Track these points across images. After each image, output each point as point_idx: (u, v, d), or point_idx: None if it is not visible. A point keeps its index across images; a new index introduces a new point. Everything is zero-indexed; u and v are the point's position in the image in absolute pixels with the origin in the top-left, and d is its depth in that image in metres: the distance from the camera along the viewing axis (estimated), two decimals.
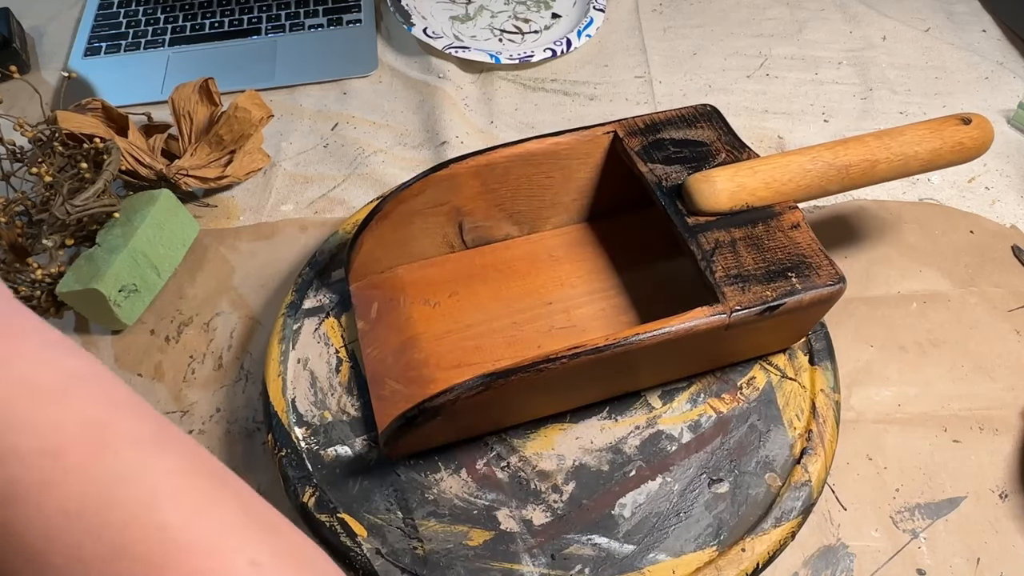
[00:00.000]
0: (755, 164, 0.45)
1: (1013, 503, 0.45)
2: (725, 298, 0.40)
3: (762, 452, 0.44)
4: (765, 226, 0.44)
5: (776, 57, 0.73)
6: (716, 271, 0.42)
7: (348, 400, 0.47)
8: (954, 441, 0.48)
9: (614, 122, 0.49)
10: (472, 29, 0.77)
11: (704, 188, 0.44)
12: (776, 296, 0.41)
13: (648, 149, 0.48)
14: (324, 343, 0.50)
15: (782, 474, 0.43)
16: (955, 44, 0.73)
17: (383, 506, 0.43)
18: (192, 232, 0.60)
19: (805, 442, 0.44)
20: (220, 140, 0.61)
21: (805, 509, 0.42)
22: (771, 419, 0.46)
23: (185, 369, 0.54)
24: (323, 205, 0.63)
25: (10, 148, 0.57)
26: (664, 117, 0.50)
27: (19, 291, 0.56)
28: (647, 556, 0.41)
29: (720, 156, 0.47)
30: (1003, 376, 0.51)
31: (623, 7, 0.79)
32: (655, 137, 0.48)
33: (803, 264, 0.42)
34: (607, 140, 0.49)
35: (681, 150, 0.48)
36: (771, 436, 0.45)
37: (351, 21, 0.78)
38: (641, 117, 0.49)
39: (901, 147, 0.46)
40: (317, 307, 0.52)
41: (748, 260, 0.42)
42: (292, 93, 0.72)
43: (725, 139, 0.48)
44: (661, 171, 0.47)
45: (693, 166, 0.47)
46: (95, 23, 0.79)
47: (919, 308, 0.54)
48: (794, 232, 0.43)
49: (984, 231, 0.58)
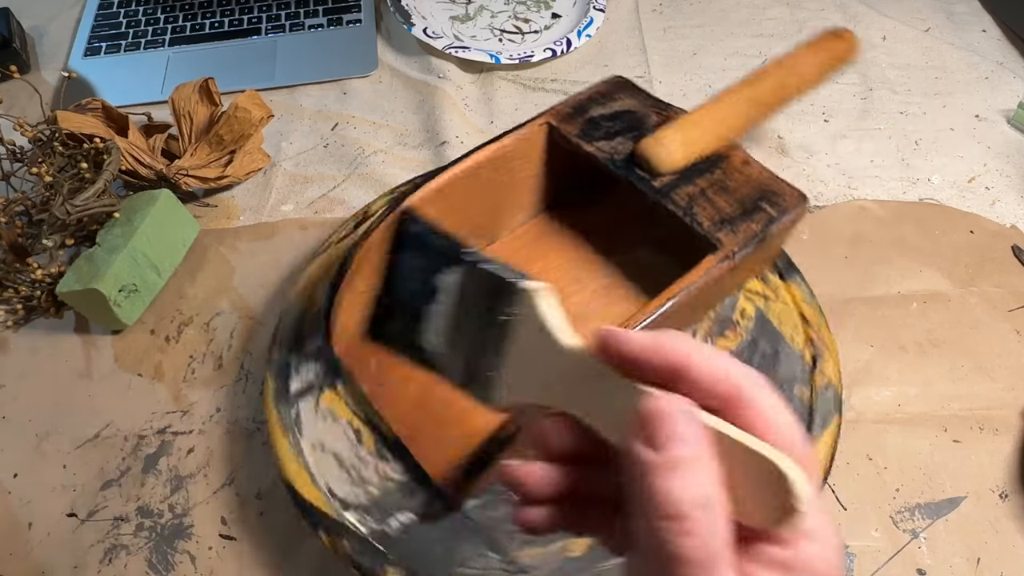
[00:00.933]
0: (693, 118, 0.47)
1: (1013, 503, 0.45)
2: (722, 244, 0.42)
3: (782, 371, 0.47)
4: (721, 170, 0.46)
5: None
6: (702, 222, 0.43)
7: (386, 466, 0.44)
8: (954, 441, 0.48)
9: (543, 113, 0.49)
10: (472, 29, 0.77)
11: (659, 151, 0.45)
12: (761, 228, 0.43)
13: (586, 131, 0.48)
14: (331, 420, 0.46)
15: (806, 383, 0.46)
16: (955, 44, 0.73)
17: (474, 555, 0.41)
18: (192, 232, 0.60)
19: (811, 349, 0.47)
20: (220, 140, 0.61)
21: (838, 406, 0.45)
22: (774, 340, 0.48)
23: (185, 369, 0.54)
24: (323, 205, 0.63)
25: (10, 148, 0.57)
26: (586, 97, 0.50)
27: (19, 291, 0.56)
28: None
29: (652, 118, 0.48)
30: (1003, 376, 0.50)
31: (623, 7, 0.79)
32: (586, 117, 0.49)
33: (769, 193, 0.45)
34: (544, 132, 0.49)
35: (614, 123, 0.48)
36: (781, 355, 0.48)
37: (351, 21, 0.78)
38: (565, 102, 0.50)
39: (798, 67, 0.51)
40: (306, 387, 0.47)
41: (723, 204, 0.44)
42: (292, 93, 0.72)
43: (649, 103, 0.50)
44: (607, 147, 0.47)
45: (634, 135, 0.47)
46: (95, 23, 0.79)
47: (919, 308, 0.54)
48: (747, 168, 0.46)
49: (984, 231, 0.58)
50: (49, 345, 0.56)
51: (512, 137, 0.48)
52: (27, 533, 0.47)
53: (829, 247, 0.57)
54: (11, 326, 0.57)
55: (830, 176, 0.62)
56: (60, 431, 0.51)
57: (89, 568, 0.46)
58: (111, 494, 0.48)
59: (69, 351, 0.55)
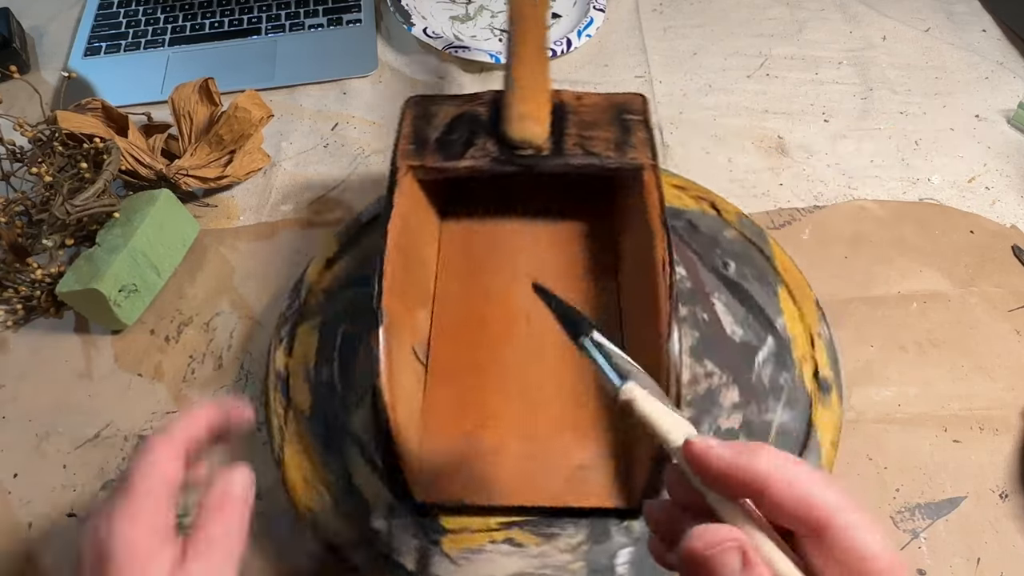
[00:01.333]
0: (522, 83, 0.47)
1: (1013, 503, 0.45)
2: (640, 160, 0.45)
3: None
4: (572, 112, 0.47)
5: (776, 57, 0.73)
6: (609, 156, 0.45)
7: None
8: (954, 441, 0.48)
9: (394, 167, 0.46)
10: (472, 29, 0.77)
11: (527, 126, 0.45)
12: (645, 133, 0.46)
13: (445, 154, 0.46)
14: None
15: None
16: (955, 44, 0.73)
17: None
18: (192, 232, 0.60)
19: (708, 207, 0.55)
20: (220, 140, 0.61)
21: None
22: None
23: (185, 369, 0.54)
24: (323, 205, 0.63)
25: (10, 148, 0.57)
26: (411, 129, 0.48)
27: (19, 291, 0.56)
28: None
29: (480, 111, 0.48)
30: (1003, 376, 0.50)
31: (623, 7, 0.79)
32: (432, 144, 0.47)
33: (620, 107, 0.48)
34: (411, 177, 0.47)
35: (458, 134, 0.47)
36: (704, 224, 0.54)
37: (351, 21, 0.78)
38: (402, 142, 0.47)
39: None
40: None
41: (603, 134, 0.46)
42: (292, 93, 0.72)
43: (459, 101, 0.49)
44: (478, 153, 0.46)
45: (484, 131, 0.47)
46: (95, 23, 0.79)
47: (919, 308, 0.54)
48: (587, 99, 0.48)
49: (984, 231, 0.58)
50: (49, 345, 0.56)
51: (397, 201, 0.45)
52: (27, 533, 0.47)
53: (829, 247, 0.57)
54: (11, 326, 0.57)
55: (830, 176, 0.62)
56: (60, 431, 0.51)
57: None
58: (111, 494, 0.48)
59: (69, 351, 0.55)
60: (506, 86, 0.48)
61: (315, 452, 0.46)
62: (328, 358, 0.50)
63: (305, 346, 0.50)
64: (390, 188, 0.45)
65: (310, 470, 0.46)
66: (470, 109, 0.48)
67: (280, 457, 0.47)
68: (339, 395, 0.48)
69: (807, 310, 0.51)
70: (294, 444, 0.47)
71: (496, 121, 0.47)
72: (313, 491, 0.45)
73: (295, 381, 0.49)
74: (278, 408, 0.48)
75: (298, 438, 0.47)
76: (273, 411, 0.48)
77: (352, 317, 0.51)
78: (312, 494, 0.45)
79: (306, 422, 0.47)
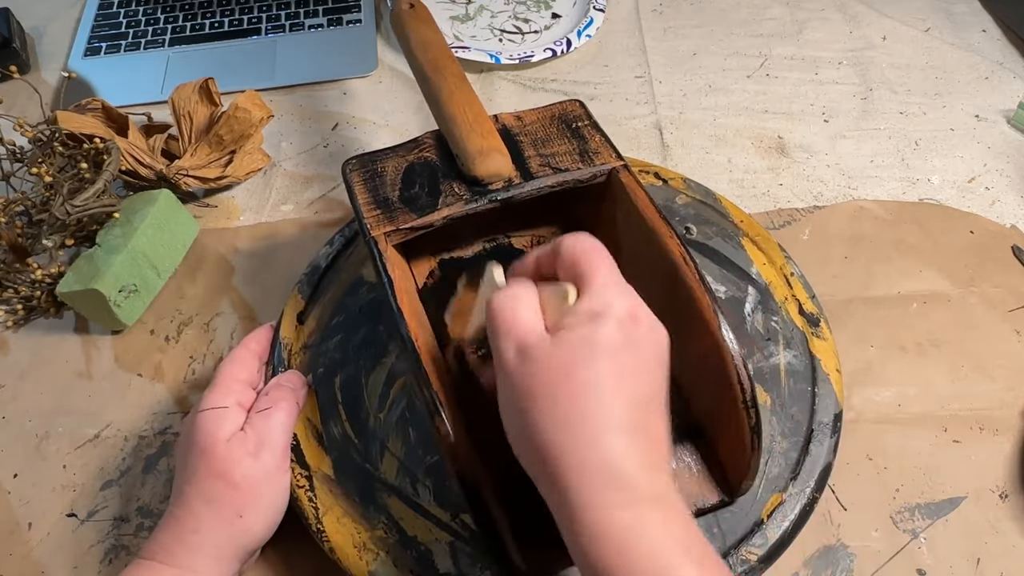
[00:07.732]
0: (462, 126, 0.46)
1: (1013, 503, 0.45)
2: (611, 165, 0.46)
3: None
4: (522, 134, 0.48)
5: (776, 57, 0.73)
6: (579, 168, 0.45)
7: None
8: (954, 441, 0.48)
9: (369, 238, 0.44)
10: (472, 29, 0.77)
11: (490, 162, 0.45)
12: (601, 137, 0.47)
13: (415, 208, 0.44)
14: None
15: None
16: (955, 44, 0.73)
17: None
18: (192, 232, 0.60)
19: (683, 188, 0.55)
20: (220, 140, 0.61)
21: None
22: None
23: (185, 369, 0.54)
24: (323, 205, 0.63)
25: (10, 148, 0.57)
26: (370, 194, 0.46)
27: (19, 291, 0.56)
28: None
29: (430, 155, 0.47)
30: (1003, 376, 0.51)
31: (623, 7, 0.79)
32: (396, 203, 0.45)
33: (566, 117, 0.49)
34: (389, 244, 0.44)
35: (418, 185, 0.45)
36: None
37: (351, 21, 0.78)
38: (362, 205, 0.45)
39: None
40: None
41: (560, 149, 0.47)
42: (292, 93, 0.72)
43: (402, 150, 0.48)
44: (449, 200, 0.45)
45: (442, 176, 0.46)
46: (95, 23, 0.79)
47: (919, 308, 0.54)
48: (527, 116, 0.49)
49: (984, 231, 0.58)
50: (49, 345, 0.56)
51: (394, 275, 0.43)
52: (27, 533, 0.47)
53: (829, 247, 0.57)
54: (11, 326, 0.57)
55: (830, 176, 0.62)
56: (60, 431, 0.51)
57: (89, 568, 0.46)
58: (111, 494, 0.48)
59: (69, 351, 0.55)
60: (445, 125, 0.47)
61: (357, 513, 0.43)
62: (334, 413, 0.47)
63: (306, 408, 0.47)
64: (377, 262, 0.43)
65: (357, 533, 0.43)
66: (418, 158, 0.47)
67: (320, 528, 0.43)
68: (357, 447, 0.46)
69: (773, 254, 0.53)
70: (331, 511, 0.43)
71: (451, 163, 0.46)
72: (369, 554, 0.42)
73: (306, 446, 0.46)
74: (299, 480, 0.44)
75: (332, 503, 0.44)
76: (294, 485, 0.44)
77: (343, 365, 0.48)
78: (368, 557, 0.42)
79: (335, 485, 0.44)
